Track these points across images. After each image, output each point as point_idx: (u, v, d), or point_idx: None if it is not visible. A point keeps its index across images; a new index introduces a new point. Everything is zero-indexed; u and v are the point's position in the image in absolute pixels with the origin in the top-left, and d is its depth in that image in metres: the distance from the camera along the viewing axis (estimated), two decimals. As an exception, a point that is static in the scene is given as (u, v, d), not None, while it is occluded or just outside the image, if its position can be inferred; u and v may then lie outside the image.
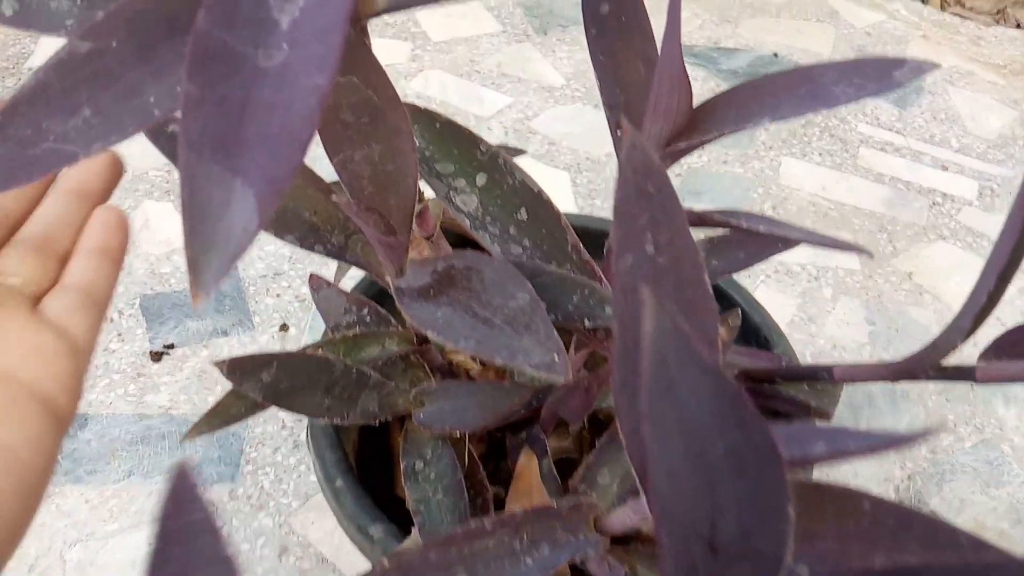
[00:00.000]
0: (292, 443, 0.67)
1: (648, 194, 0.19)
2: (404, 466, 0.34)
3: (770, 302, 0.77)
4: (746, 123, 0.27)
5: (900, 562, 0.19)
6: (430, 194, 0.34)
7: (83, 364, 0.26)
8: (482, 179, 0.31)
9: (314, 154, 0.18)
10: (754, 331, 0.45)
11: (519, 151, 0.43)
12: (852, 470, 0.67)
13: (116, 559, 0.59)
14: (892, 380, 0.34)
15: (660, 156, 0.30)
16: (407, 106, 0.32)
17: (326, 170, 0.29)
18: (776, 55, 1.10)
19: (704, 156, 0.93)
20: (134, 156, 0.84)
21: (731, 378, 0.14)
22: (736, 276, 0.45)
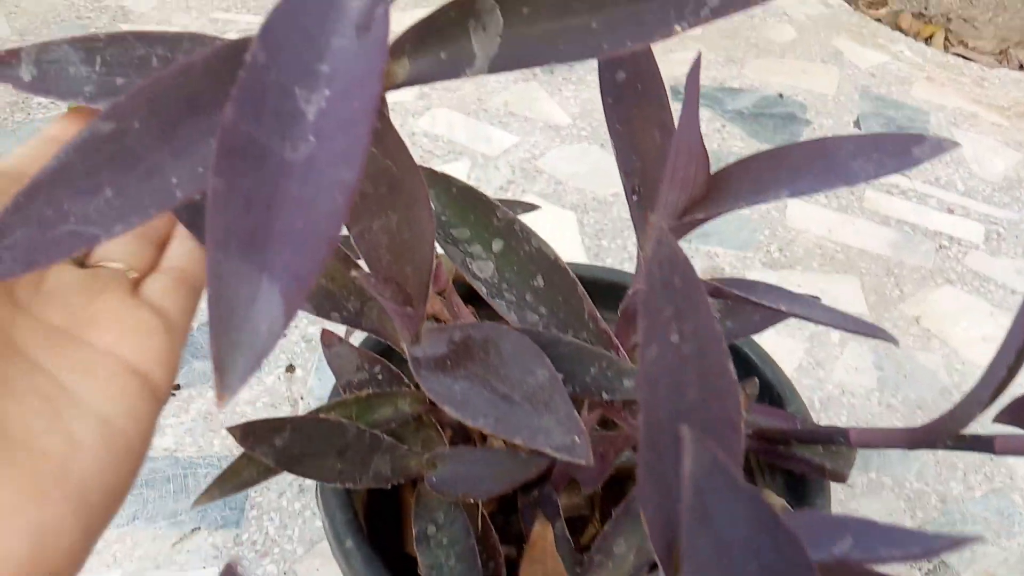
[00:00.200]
0: (297, 488, 0.67)
1: (674, 287, 0.19)
2: (416, 531, 0.34)
3: (778, 347, 0.76)
4: (763, 196, 0.27)
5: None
6: (440, 250, 0.34)
7: (178, 343, 0.27)
8: (498, 245, 0.31)
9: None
10: (767, 387, 0.45)
11: (532, 206, 0.43)
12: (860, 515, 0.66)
13: (119, 608, 0.58)
14: (909, 448, 0.34)
15: (676, 226, 0.30)
16: (423, 170, 0.32)
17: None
18: (781, 95, 1.11)
19: (710, 197, 0.93)
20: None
21: (766, 501, 0.14)
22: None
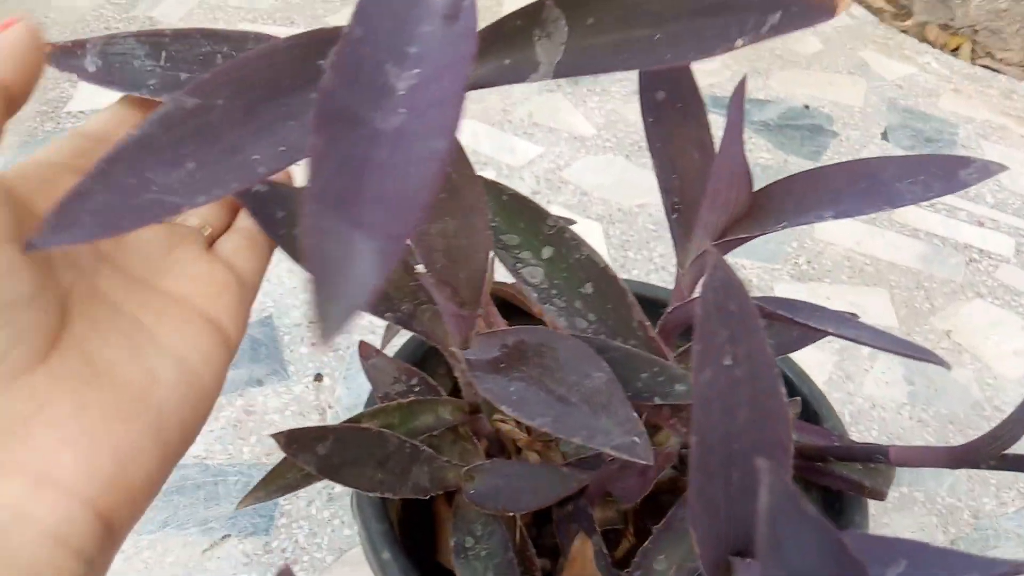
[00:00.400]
0: (327, 496, 0.67)
1: (729, 312, 0.19)
2: (454, 542, 0.34)
3: (807, 359, 0.76)
4: (806, 217, 0.27)
5: None
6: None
7: (249, 298, 0.28)
8: (548, 252, 0.32)
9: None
10: (804, 404, 0.45)
11: (570, 220, 0.44)
12: (893, 532, 0.66)
13: (152, 615, 0.59)
14: (952, 467, 0.34)
15: (717, 245, 0.30)
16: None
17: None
18: (807, 107, 1.10)
19: (737, 209, 0.93)
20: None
21: (834, 531, 0.14)
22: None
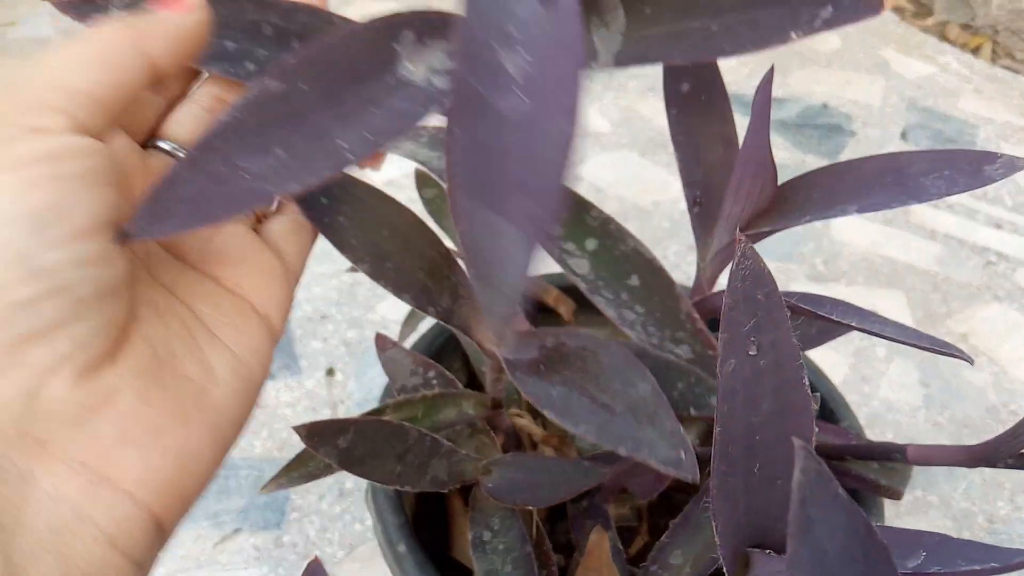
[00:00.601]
0: (338, 491, 0.67)
1: (756, 300, 0.19)
2: (472, 536, 0.34)
3: (822, 361, 0.76)
4: (832, 211, 0.27)
5: None
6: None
7: (293, 286, 0.28)
8: (592, 244, 0.31)
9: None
10: (820, 401, 0.44)
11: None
12: (906, 536, 0.65)
13: (164, 605, 0.59)
14: (969, 466, 0.34)
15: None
16: None
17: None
18: (826, 105, 1.10)
19: (753, 208, 0.92)
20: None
21: (863, 514, 0.14)
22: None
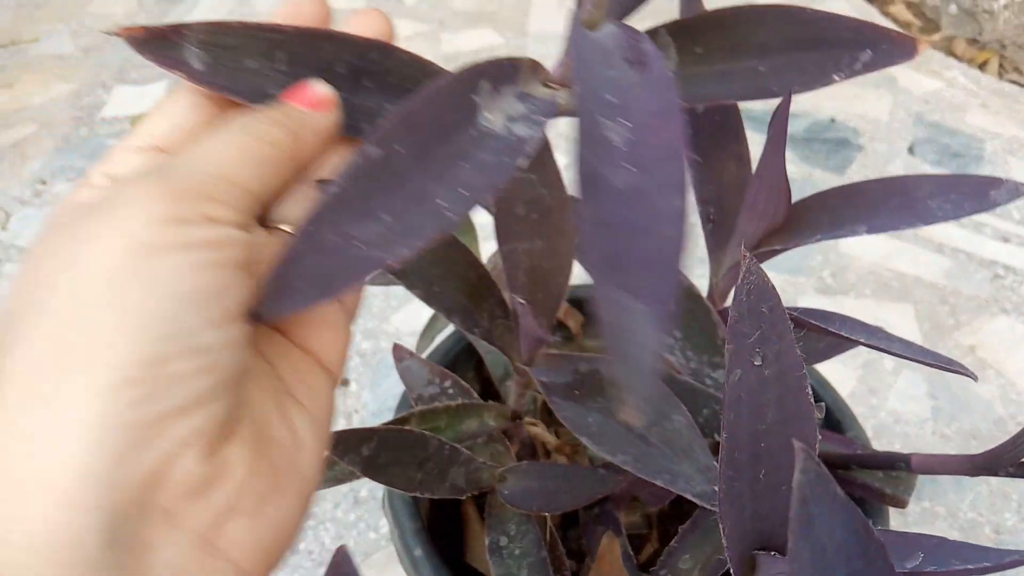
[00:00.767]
0: (352, 499, 0.69)
1: (761, 313, 0.20)
2: (489, 541, 0.35)
3: (830, 373, 0.76)
4: (840, 231, 0.28)
5: None
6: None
7: (349, 329, 0.27)
8: None
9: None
10: (827, 413, 0.45)
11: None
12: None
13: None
14: (971, 475, 0.35)
15: (755, 255, 0.31)
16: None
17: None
18: (833, 120, 1.11)
19: (762, 222, 0.93)
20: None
21: (860, 512, 0.15)
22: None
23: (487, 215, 0.30)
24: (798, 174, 1.01)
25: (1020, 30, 1.28)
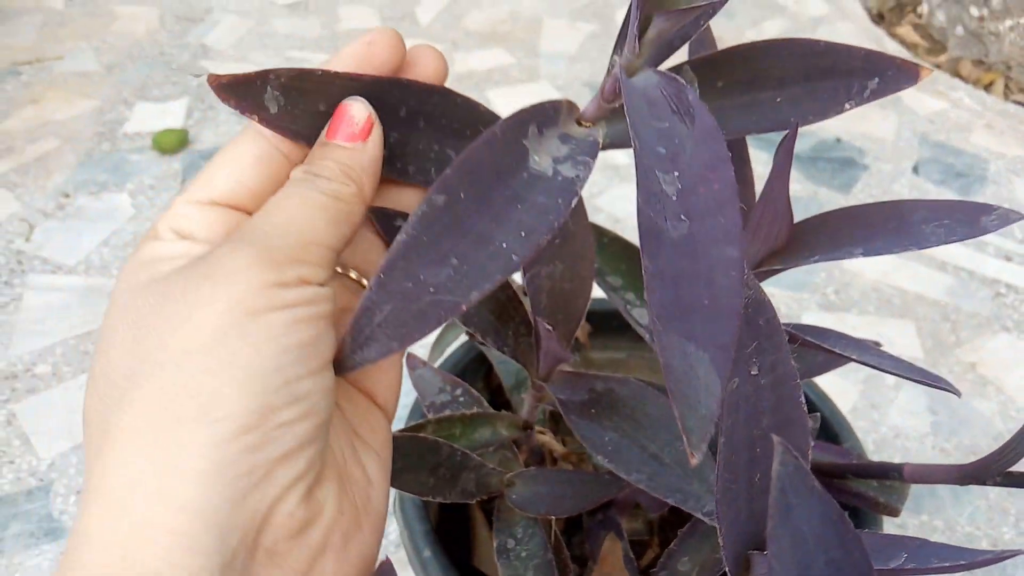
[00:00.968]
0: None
1: (758, 325, 0.22)
2: (496, 544, 0.37)
3: (832, 388, 0.78)
4: (839, 253, 0.29)
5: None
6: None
7: (402, 371, 0.29)
8: None
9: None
10: (825, 425, 0.47)
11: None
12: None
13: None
14: (960, 484, 0.36)
15: (755, 274, 0.33)
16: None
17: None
18: (839, 140, 1.12)
19: (767, 239, 0.95)
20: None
21: (836, 504, 0.17)
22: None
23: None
24: (803, 192, 1.03)
25: (1025, 52, 1.30)
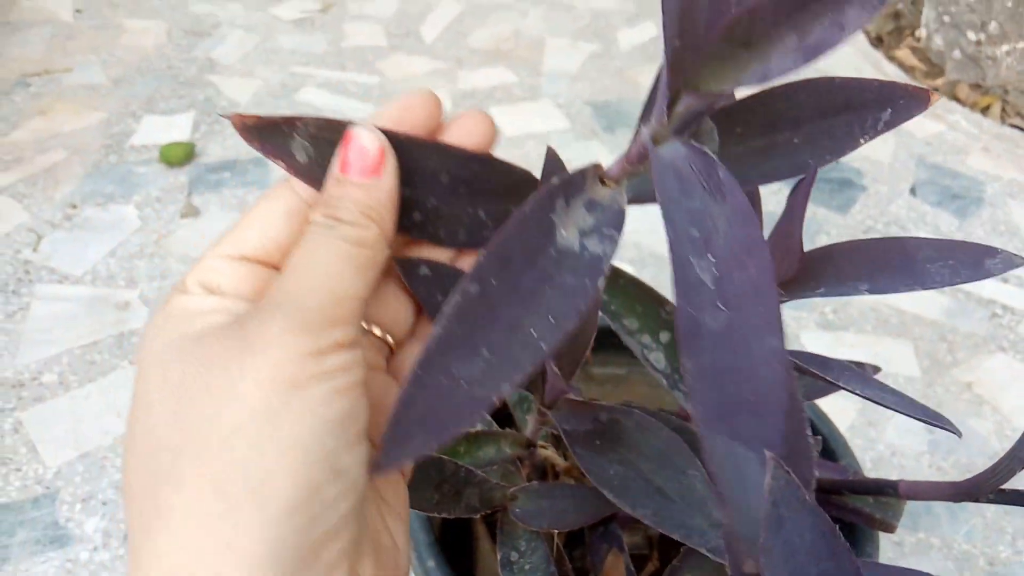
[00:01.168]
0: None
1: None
2: (500, 556, 0.37)
3: (830, 406, 0.79)
4: (845, 288, 0.30)
5: None
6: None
7: None
8: (666, 337, 0.32)
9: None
10: (823, 442, 0.48)
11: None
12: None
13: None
14: (954, 500, 0.37)
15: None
16: None
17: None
18: (837, 161, 1.14)
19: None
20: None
21: (828, 517, 0.18)
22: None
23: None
24: (802, 212, 1.04)
25: (1022, 76, 1.31)
